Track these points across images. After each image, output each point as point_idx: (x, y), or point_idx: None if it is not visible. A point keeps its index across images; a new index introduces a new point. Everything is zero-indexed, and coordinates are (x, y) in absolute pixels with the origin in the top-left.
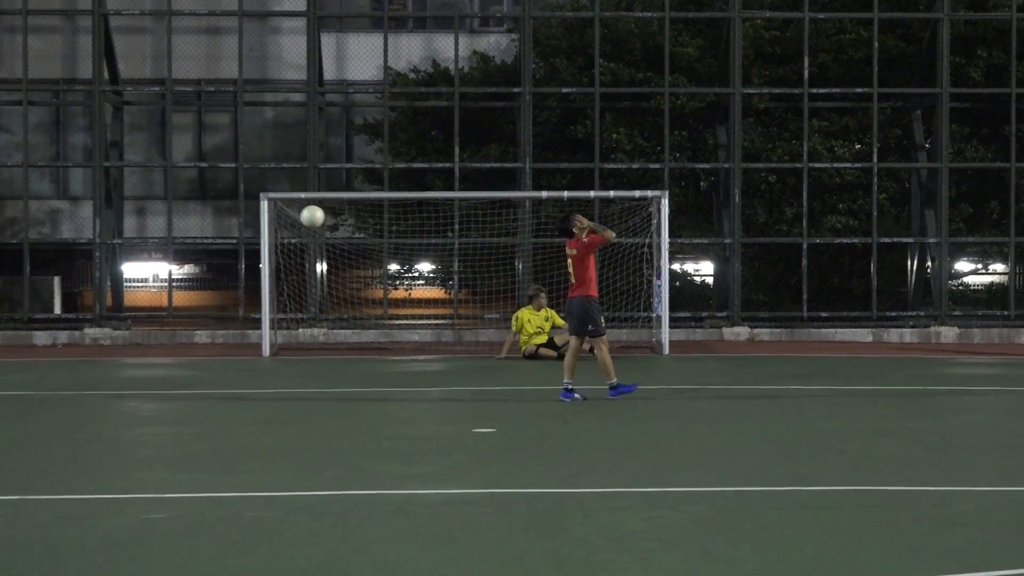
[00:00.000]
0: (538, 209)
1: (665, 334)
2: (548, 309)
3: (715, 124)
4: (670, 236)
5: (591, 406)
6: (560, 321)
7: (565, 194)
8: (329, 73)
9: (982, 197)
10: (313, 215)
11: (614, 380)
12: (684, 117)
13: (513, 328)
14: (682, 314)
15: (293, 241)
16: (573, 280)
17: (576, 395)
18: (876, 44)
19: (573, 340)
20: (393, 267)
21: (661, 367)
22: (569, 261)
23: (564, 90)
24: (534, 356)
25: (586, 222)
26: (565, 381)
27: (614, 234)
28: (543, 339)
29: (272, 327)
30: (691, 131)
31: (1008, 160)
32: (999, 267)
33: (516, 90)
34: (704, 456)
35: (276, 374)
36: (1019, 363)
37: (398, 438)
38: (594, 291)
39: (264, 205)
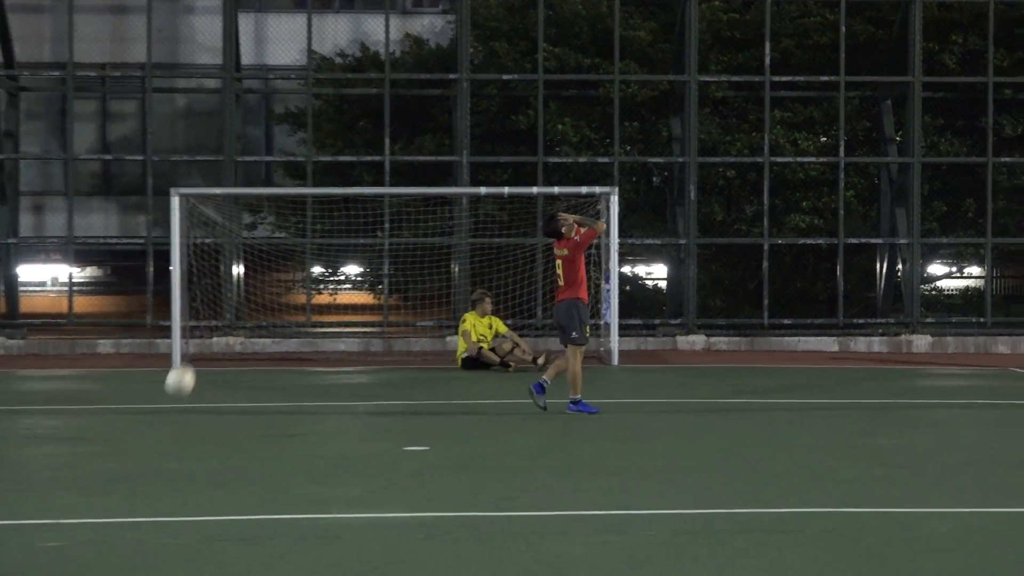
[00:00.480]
0: (476, 206)
1: (614, 343)
2: (492, 316)
3: (669, 114)
4: (620, 236)
5: (536, 421)
6: (504, 328)
7: (506, 190)
8: (247, 57)
9: (957, 194)
10: (181, 381)
11: (579, 396)
12: (635, 107)
13: (464, 327)
14: (633, 321)
15: (207, 241)
16: (561, 282)
17: (543, 404)
18: (843, 28)
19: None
20: (317, 270)
21: (610, 379)
22: (559, 263)
23: (505, 77)
24: (475, 360)
25: (571, 218)
26: (543, 378)
27: (604, 225)
28: (485, 347)
29: (183, 336)
30: (643, 122)
31: (984, 154)
32: (975, 270)
33: (452, 76)
34: (657, 476)
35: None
36: (997, 374)
37: (323, 457)
38: (584, 294)
39: (175, 202)
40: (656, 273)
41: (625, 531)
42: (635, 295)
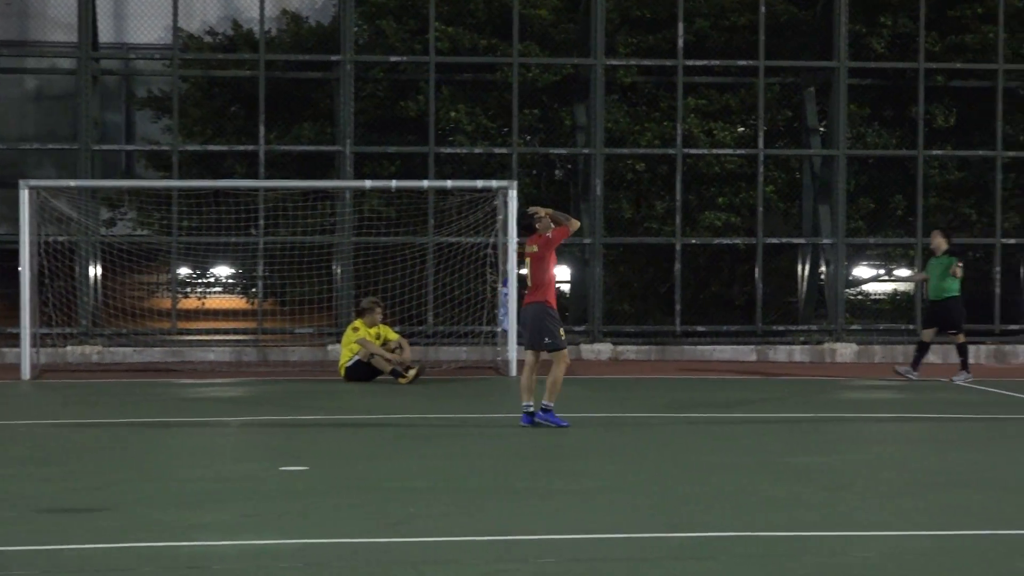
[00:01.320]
0: (360, 201)
1: (512, 352)
2: (381, 326)
3: (573, 102)
4: (518, 235)
5: (427, 439)
6: (394, 336)
7: (393, 184)
8: (105, 35)
9: (885, 190)
10: None
11: (552, 404)
12: (536, 93)
13: (361, 335)
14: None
15: (60, 239)
16: (529, 283)
17: (539, 418)
18: (763, 9)
19: (529, 356)
20: (183, 271)
21: (507, 391)
22: (527, 260)
23: (392, 59)
24: (360, 371)
25: (543, 211)
26: (524, 403)
27: (579, 223)
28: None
29: (33, 344)
30: (544, 109)
31: (915, 147)
32: (904, 272)
33: (334, 58)
34: (558, 498)
35: (38, 401)
36: (927, 386)
37: (190, 479)
38: (551, 297)
39: (24, 195)
40: (558, 276)
41: (523, 559)
42: None
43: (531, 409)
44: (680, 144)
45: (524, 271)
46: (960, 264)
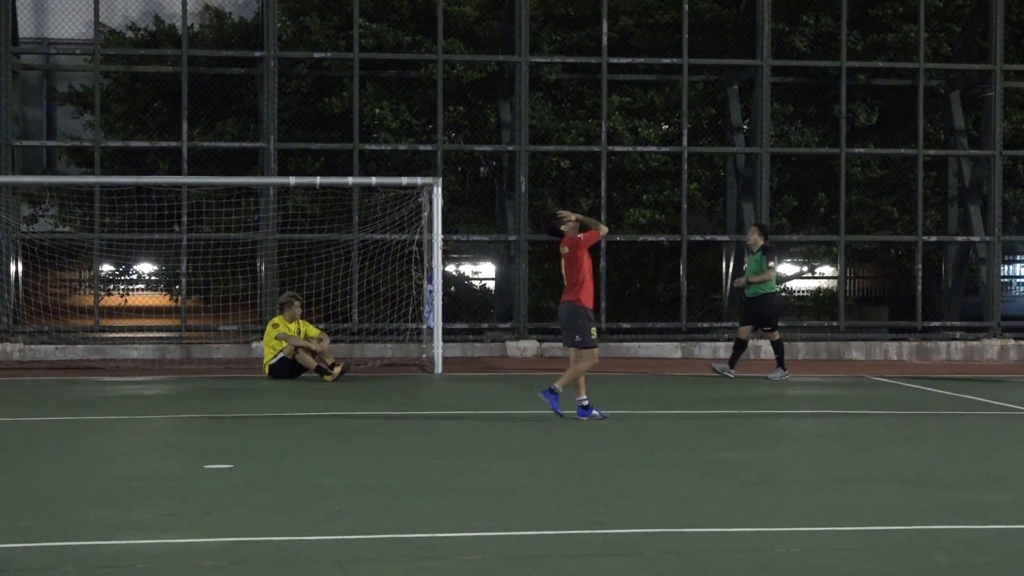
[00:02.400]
0: (285, 198)
1: (438, 349)
2: (301, 321)
3: (498, 99)
4: (444, 232)
5: (354, 436)
6: (315, 332)
7: (317, 180)
8: (25, 29)
9: (808, 188)
10: None
11: (560, 389)
12: (461, 90)
13: (281, 331)
14: (458, 325)
15: None
16: (565, 282)
17: (595, 412)
18: (686, 7)
19: (571, 353)
20: (106, 268)
21: (432, 389)
22: (563, 262)
23: (316, 55)
24: (284, 368)
25: (573, 216)
26: (578, 398)
27: (607, 228)
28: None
29: None
30: (469, 107)
31: (837, 145)
32: (827, 270)
33: (258, 54)
34: (484, 495)
35: None
36: (850, 382)
37: (111, 477)
38: (585, 296)
39: None
40: (484, 272)
41: (448, 555)
42: (460, 297)
43: (585, 403)
44: (604, 141)
45: (563, 272)
46: (772, 264)
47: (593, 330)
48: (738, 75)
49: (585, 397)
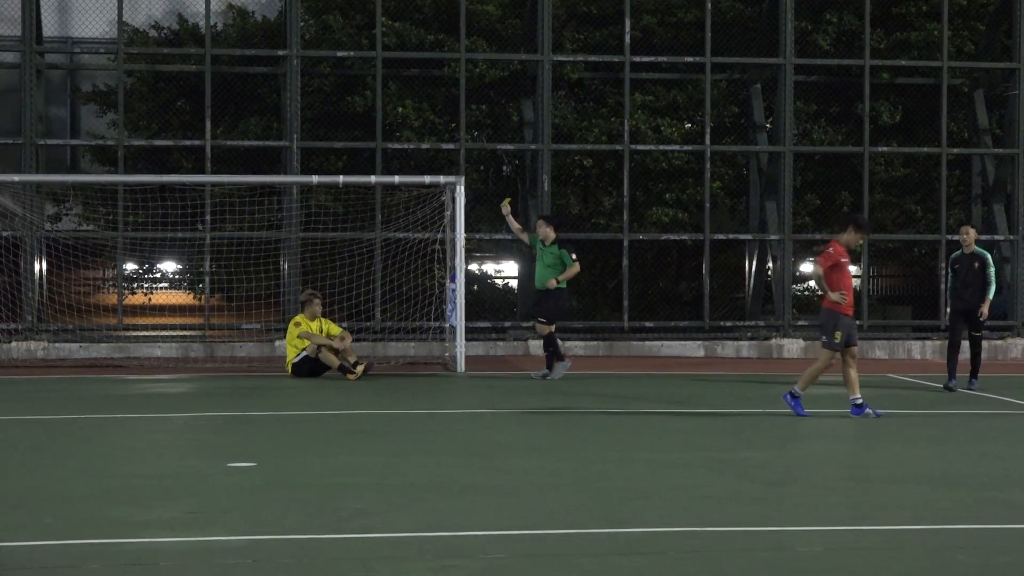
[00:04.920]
0: (307, 197)
1: (460, 348)
2: (324, 319)
3: (520, 97)
4: (466, 231)
5: (376, 435)
6: (337, 331)
7: (340, 179)
8: (50, 29)
9: (831, 187)
10: None
11: (801, 392)
12: (483, 88)
13: (304, 329)
14: (481, 324)
15: (4, 234)
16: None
17: (868, 410)
18: (709, 5)
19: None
20: (130, 267)
21: (455, 388)
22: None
23: (339, 54)
24: (308, 367)
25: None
26: (851, 397)
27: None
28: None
29: None
30: (492, 105)
31: (860, 143)
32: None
33: (281, 53)
34: (505, 494)
35: None
36: (873, 381)
37: (136, 475)
38: (832, 301)
39: None
40: (506, 271)
41: (469, 554)
42: (483, 295)
43: (859, 401)
44: (627, 140)
45: None
46: (575, 256)
47: (837, 334)
48: (761, 73)
49: (859, 396)
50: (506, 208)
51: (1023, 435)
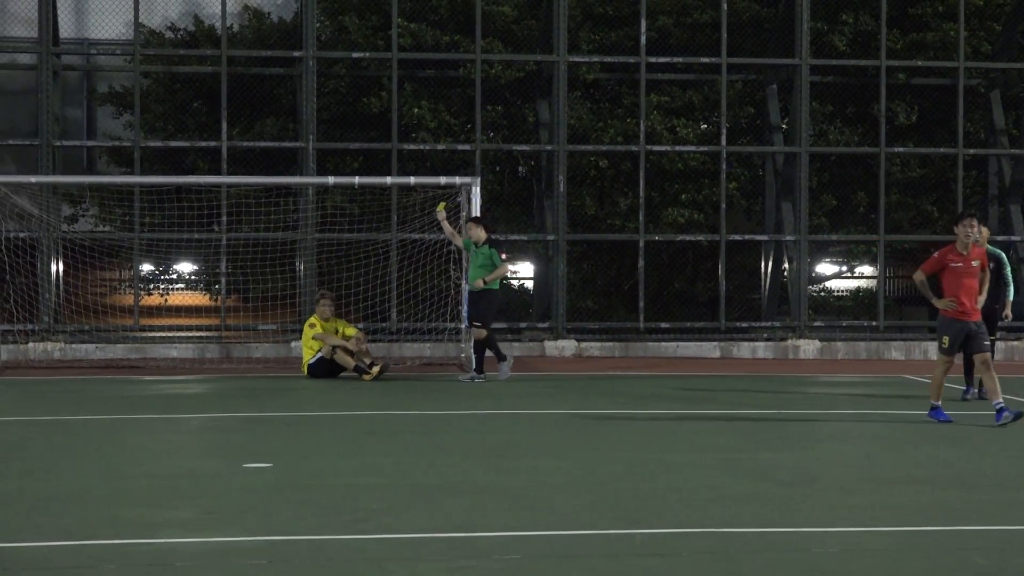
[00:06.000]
0: (323, 198)
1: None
2: (339, 320)
3: (536, 98)
4: None
5: (392, 435)
6: (352, 331)
7: (356, 180)
8: (66, 30)
9: (847, 187)
10: None
11: (934, 402)
12: (499, 89)
13: (318, 331)
14: (496, 325)
15: (21, 235)
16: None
17: (1007, 413)
18: (725, 6)
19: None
20: (146, 268)
21: (469, 388)
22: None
23: (355, 55)
24: (323, 368)
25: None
26: (994, 402)
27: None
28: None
29: None
30: (507, 106)
31: (876, 144)
32: (867, 270)
33: (297, 54)
34: (520, 494)
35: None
36: (889, 382)
37: (152, 476)
38: (943, 309)
39: None
40: (522, 272)
41: (485, 555)
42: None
43: (1000, 405)
44: (643, 141)
45: None
46: (505, 256)
47: (945, 339)
48: (777, 74)
49: (999, 400)
50: (441, 213)
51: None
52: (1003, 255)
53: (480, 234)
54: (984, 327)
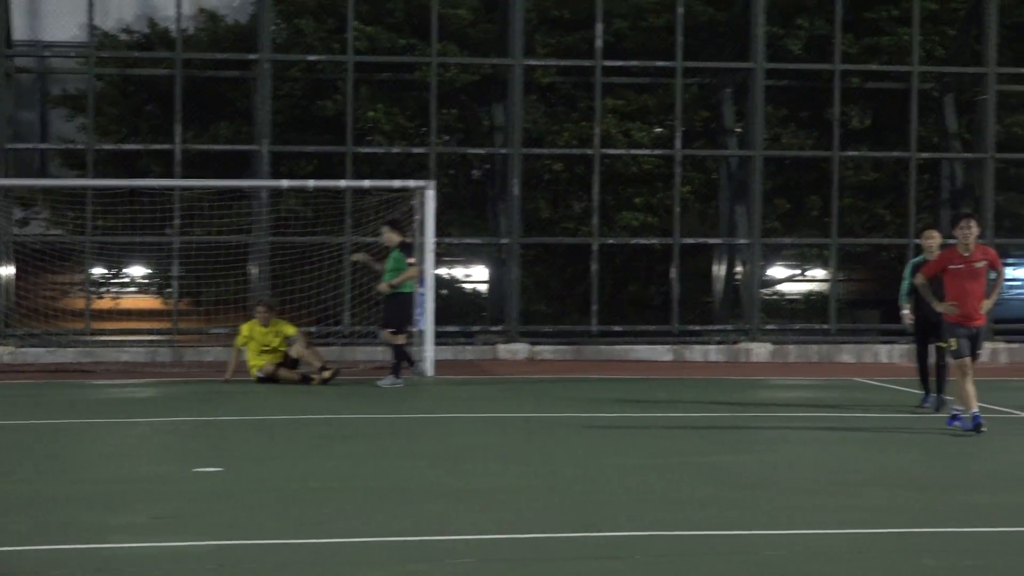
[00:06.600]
0: (277, 201)
1: (429, 352)
2: (280, 321)
3: (491, 102)
4: (436, 235)
5: (344, 440)
6: (291, 330)
7: (310, 183)
8: (19, 32)
9: (801, 191)
10: None
11: (961, 409)
12: (454, 93)
13: (237, 343)
14: (450, 328)
15: None
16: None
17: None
18: (680, 10)
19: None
20: (98, 271)
21: (425, 392)
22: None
23: (311, 58)
24: (271, 378)
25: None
26: (955, 408)
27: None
28: (275, 358)
29: None
30: (462, 109)
31: (830, 148)
32: (819, 273)
33: (252, 57)
34: (476, 498)
35: None
36: (841, 384)
37: (101, 480)
38: (948, 312)
39: None
40: (476, 275)
41: (440, 559)
42: (452, 299)
43: (957, 411)
44: (598, 144)
45: None
46: (412, 260)
47: (952, 341)
48: (732, 78)
49: (961, 408)
50: (360, 257)
51: (990, 438)
52: None
53: (392, 238)
54: (984, 333)
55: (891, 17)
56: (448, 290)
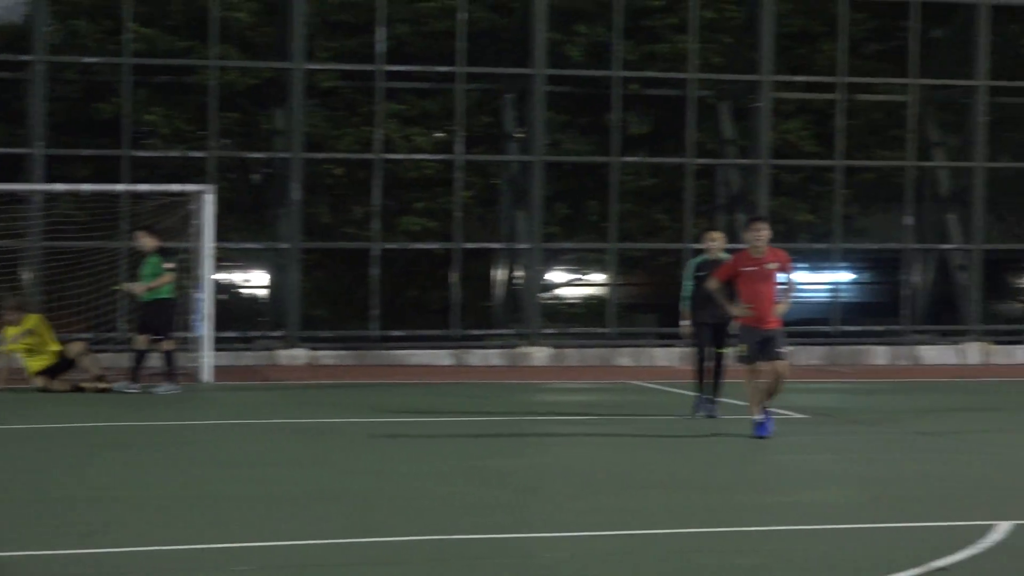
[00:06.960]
0: (51, 205)
1: (207, 358)
2: (35, 317)
3: (272, 106)
4: (215, 240)
5: (112, 448)
6: (56, 347)
7: (86, 187)
8: None
9: (580, 196)
10: None
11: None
12: (234, 96)
13: (3, 349)
14: (228, 334)
15: None
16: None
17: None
18: (462, 15)
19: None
20: None
21: (202, 398)
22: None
23: (86, 59)
24: (47, 390)
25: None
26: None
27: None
28: (43, 362)
29: None
30: (243, 113)
31: (609, 153)
32: (598, 277)
33: (26, 58)
34: (254, 506)
35: None
36: (619, 388)
37: None
38: (742, 315)
39: None
40: (255, 280)
41: (219, 567)
42: (231, 305)
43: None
44: (379, 149)
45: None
46: (169, 265)
47: (743, 347)
48: (513, 84)
49: (760, 417)
50: (133, 287)
51: (770, 440)
52: None
53: (148, 242)
54: (781, 335)
55: (669, 25)
56: (227, 295)
